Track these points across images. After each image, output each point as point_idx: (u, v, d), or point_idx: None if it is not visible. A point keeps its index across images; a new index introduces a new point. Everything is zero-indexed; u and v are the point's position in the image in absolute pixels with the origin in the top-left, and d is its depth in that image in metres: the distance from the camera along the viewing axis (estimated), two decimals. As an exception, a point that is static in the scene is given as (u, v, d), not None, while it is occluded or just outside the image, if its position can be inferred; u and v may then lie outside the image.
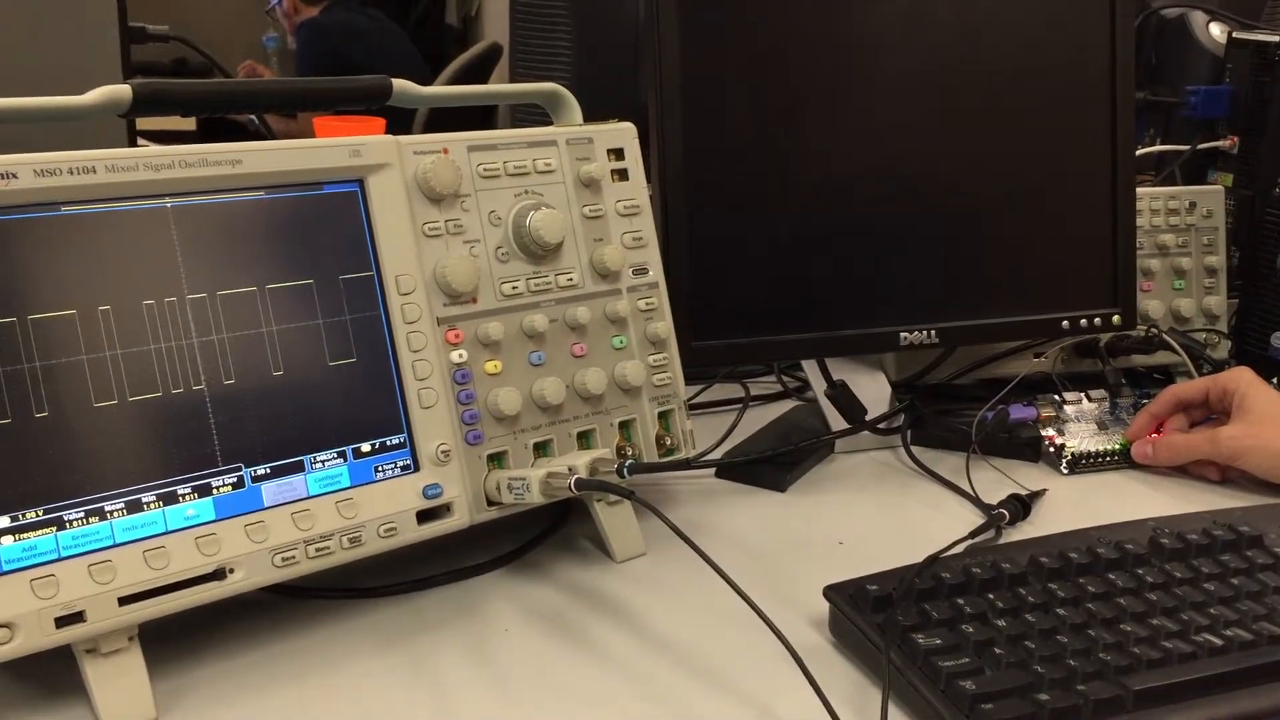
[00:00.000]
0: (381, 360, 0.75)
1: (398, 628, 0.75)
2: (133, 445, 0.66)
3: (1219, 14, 1.57)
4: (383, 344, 0.75)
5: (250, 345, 0.70)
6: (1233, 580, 0.76)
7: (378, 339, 0.75)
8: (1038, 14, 1.05)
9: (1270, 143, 1.25)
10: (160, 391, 0.67)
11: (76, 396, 0.64)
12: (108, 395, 0.65)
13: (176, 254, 0.68)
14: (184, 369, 0.68)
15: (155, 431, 0.67)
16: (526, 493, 0.75)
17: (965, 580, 0.74)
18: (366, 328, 0.74)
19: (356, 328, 0.74)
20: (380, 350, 0.75)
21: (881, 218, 1.02)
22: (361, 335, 0.74)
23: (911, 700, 0.66)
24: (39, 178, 0.63)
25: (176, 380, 0.68)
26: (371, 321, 0.75)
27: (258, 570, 0.68)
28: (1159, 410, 1.04)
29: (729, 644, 0.73)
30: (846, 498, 0.97)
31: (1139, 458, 1.02)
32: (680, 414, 0.88)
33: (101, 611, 0.63)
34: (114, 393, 0.65)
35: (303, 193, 0.73)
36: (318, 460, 0.72)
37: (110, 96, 0.72)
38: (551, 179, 0.83)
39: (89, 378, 0.64)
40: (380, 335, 0.75)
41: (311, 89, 0.82)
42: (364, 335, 0.74)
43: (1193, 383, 1.05)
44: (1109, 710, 0.64)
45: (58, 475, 0.64)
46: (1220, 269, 1.24)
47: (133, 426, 0.66)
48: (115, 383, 0.65)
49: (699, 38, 0.93)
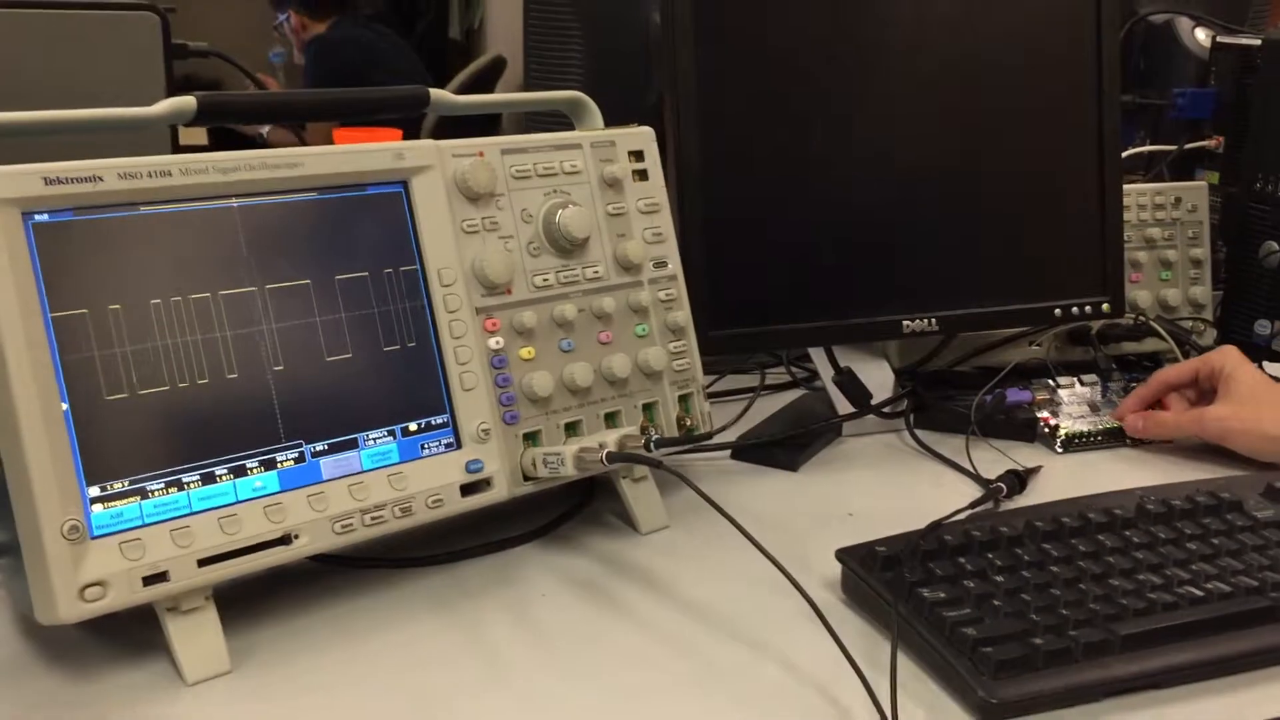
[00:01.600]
0: (426, 346, 0.81)
1: (444, 593, 0.82)
2: (205, 423, 0.72)
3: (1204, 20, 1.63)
4: (427, 331, 0.82)
5: (307, 333, 0.77)
6: (1213, 540, 0.82)
7: (422, 327, 0.81)
8: (1028, 19, 1.12)
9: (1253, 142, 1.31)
10: (230, 374, 0.73)
11: (156, 379, 0.71)
12: (185, 378, 0.72)
13: (242, 249, 0.75)
14: (250, 354, 0.74)
15: (226, 411, 0.73)
16: (561, 467, 0.82)
17: (966, 542, 0.80)
18: (413, 317, 0.81)
19: (403, 317, 0.81)
20: (425, 337, 0.81)
21: (885, 213, 1.08)
22: (408, 324, 0.81)
23: (918, 647, 0.73)
24: (122, 180, 0.70)
25: (244, 364, 0.74)
26: (417, 311, 0.81)
27: (320, 536, 0.74)
28: (1148, 394, 1.10)
29: (749, 604, 0.79)
30: (855, 475, 1.04)
31: (1130, 430, 1.08)
32: (698, 397, 0.94)
33: (183, 571, 0.69)
34: (189, 375, 0.72)
35: (353, 193, 0.80)
36: (370, 438, 0.79)
37: (177, 107, 0.78)
38: (578, 179, 0.90)
39: (170, 361, 0.71)
40: (425, 323, 0.82)
41: (355, 98, 0.89)
42: (410, 324, 0.81)
43: (1181, 365, 1.11)
44: (1098, 652, 0.70)
45: (138, 451, 0.70)
46: (1205, 260, 1.30)
47: (205, 406, 0.72)
48: (191, 366, 0.72)
49: (712, 43, 1.00)
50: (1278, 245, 1.25)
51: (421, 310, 0.82)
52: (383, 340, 0.80)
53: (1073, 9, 1.13)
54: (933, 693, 0.70)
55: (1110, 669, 0.70)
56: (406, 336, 0.81)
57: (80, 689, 0.70)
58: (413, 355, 0.81)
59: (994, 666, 0.68)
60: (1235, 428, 1.02)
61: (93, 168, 0.69)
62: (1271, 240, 1.25)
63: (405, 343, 0.81)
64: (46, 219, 0.68)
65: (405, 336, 0.81)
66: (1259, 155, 1.29)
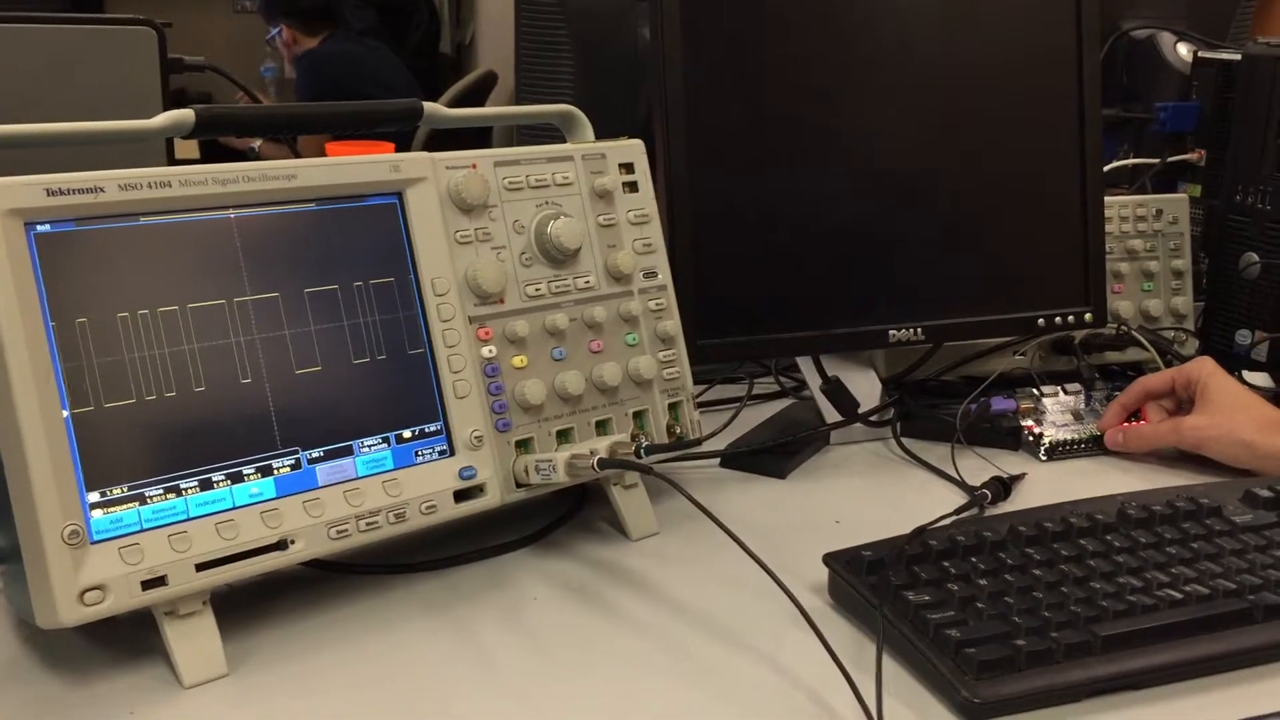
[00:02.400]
0: (420, 355, 0.83)
1: (437, 597, 0.83)
2: (203, 430, 0.74)
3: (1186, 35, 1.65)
4: (421, 340, 0.83)
5: (302, 342, 0.78)
6: (1193, 544, 0.84)
7: (416, 336, 0.83)
8: (1010, 32, 1.15)
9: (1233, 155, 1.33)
10: (228, 382, 0.75)
11: (155, 386, 0.72)
12: (181, 386, 0.73)
13: (240, 259, 0.76)
14: (247, 362, 0.76)
15: (223, 418, 0.75)
16: (553, 473, 0.83)
17: (951, 546, 0.82)
18: (407, 326, 0.82)
19: (398, 326, 0.82)
20: (419, 346, 0.83)
21: (871, 225, 1.10)
22: (403, 332, 0.82)
23: (903, 649, 0.74)
24: (122, 191, 0.71)
25: (242, 372, 0.75)
26: (411, 320, 0.83)
27: (315, 542, 0.76)
28: (1129, 401, 1.12)
29: (738, 608, 0.80)
30: (842, 483, 1.05)
31: (1111, 444, 1.10)
32: (688, 405, 0.96)
33: (181, 576, 0.70)
34: (186, 384, 0.73)
35: (348, 204, 0.81)
36: (365, 445, 0.80)
37: (176, 120, 0.80)
38: (569, 191, 0.92)
39: (169, 369, 0.72)
40: (419, 332, 0.83)
41: (350, 112, 0.90)
42: (405, 332, 0.82)
43: (1159, 374, 1.13)
44: (1078, 653, 0.72)
45: (137, 457, 0.71)
46: (1186, 272, 1.32)
47: (203, 413, 0.74)
48: (190, 374, 0.73)
49: (701, 57, 1.02)
50: (1258, 257, 1.27)
51: (415, 319, 0.83)
52: (378, 349, 0.81)
53: (1054, 23, 1.15)
54: (917, 693, 0.72)
55: (1091, 669, 0.71)
56: (401, 345, 0.82)
57: (79, 692, 0.71)
58: (407, 364, 0.82)
59: (977, 667, 0.70)
60: (1212, 436, 1.04)
61: (94, 179, 0.70)
62: (1252, 252, 1.27)
63: (400, 351, 0.82)
64: (49, 229, 0.69)
65: (400, 345, 0.82)
66: (1239, 168, 1.31)
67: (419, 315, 0.83)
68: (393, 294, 0.82)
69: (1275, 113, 1.25)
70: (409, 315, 0.83)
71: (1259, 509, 0.89)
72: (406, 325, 0.83)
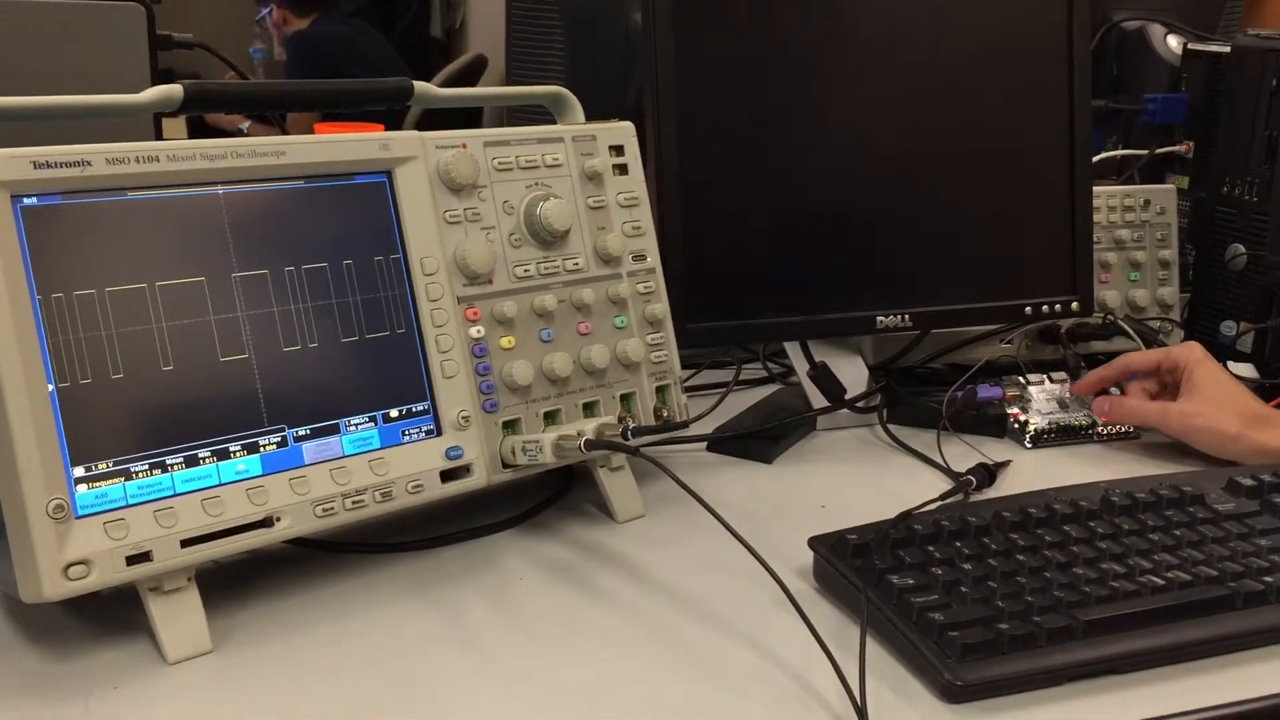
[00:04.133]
0: (408, 334, 0.83)
1: (422, 577, 0.83)
2: (189, 406, 0.74)
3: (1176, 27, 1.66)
4: (409, 320, 0.83)
5: (290, 319, 0.78)
6: (1175, 532, 0.84)
7: (405, 315, 0.83)
8: (1002, 21, 1.15)
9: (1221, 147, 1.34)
10: (214, 358, 0.75)
11: (141, 362, 0.72)
12: (169, 361, 0.73)
13: (227, 235, 0.76)
14: (233, 339, 0.75)
15: (209, 394, 0.74)
16: (540, 454, 0.83)
17: (935, 531, 0.82)
18: (395, 305, 0.82)
19: (387, 305, 0.82)
20: (407, 325, 0.83)
21: (860, 211, 1.10)
22: (391, 311, 0.82)
23: (887, 632, 0.74)
24: (110, 165, 0.71)
25: (228, 348, 0.75)
26: (400, 299, 0.83)
27: (301, 519, 0.75)
28: (1109, 374, 1.12)
29: (723, 591, 0.81)
30: (828, 468, 1.05)
31: (1096, 410, 1.11)
32: (675, 388, 0.96)
33: (166, 552, 0.70)
34: (174, 359, 0.73)
35: (338, 182, 0.81)
36: (351, 423, 0.80)
37: (164, 95, 0.79)
38: (559, 172, 0.91)
39: (155, 345, 0.72)
40: (407, 312, 0.83)
41: (341, 90, 0.90)
42: (393, 311, 0.82)
43: (1145, 353, 1.13)
44: (1061, 638, 0.72)
45: (123, 432, 0.71)
46: (1173, 262, 1.33)
47: (190, 389, 0.74)
48: (176, 350, 0.73)
49: (691, 41, 1.02)
50: (1244, 248, 1.27)
51: (404, 299, 0.83)
52: (365, 327, 0.81)
53: (1045, 13, 1.15)
54: (900, 676, 0.72)
55: (1073, 654, 0.72)
56: (389, 324, 0.82)
57: (62, 667, 0.71)
58: (395, 343, 0.82)
59: (960, 650, 0.70)
60: (1198, 425, 1.04)
61: (81, 152, 0.70)
62: (1238, 243, 1.28)
63: (388, 330, 0.82)
64: (35, 202, 0.69)
65: (388, 324, 0.82)
66: (1226, 160, 1.31)
67: (407, 295, 0.83)
68: (381, 273, 0.82)
69: (1264, 105, 1.25)
70: (397, 294, 0.83)
71: (1241, 497, 0.90)
72: (395, 304, 0.82)
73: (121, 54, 1.13)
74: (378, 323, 0.81)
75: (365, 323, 0.81)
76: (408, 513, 0.84)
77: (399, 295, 0.83)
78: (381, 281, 0.82)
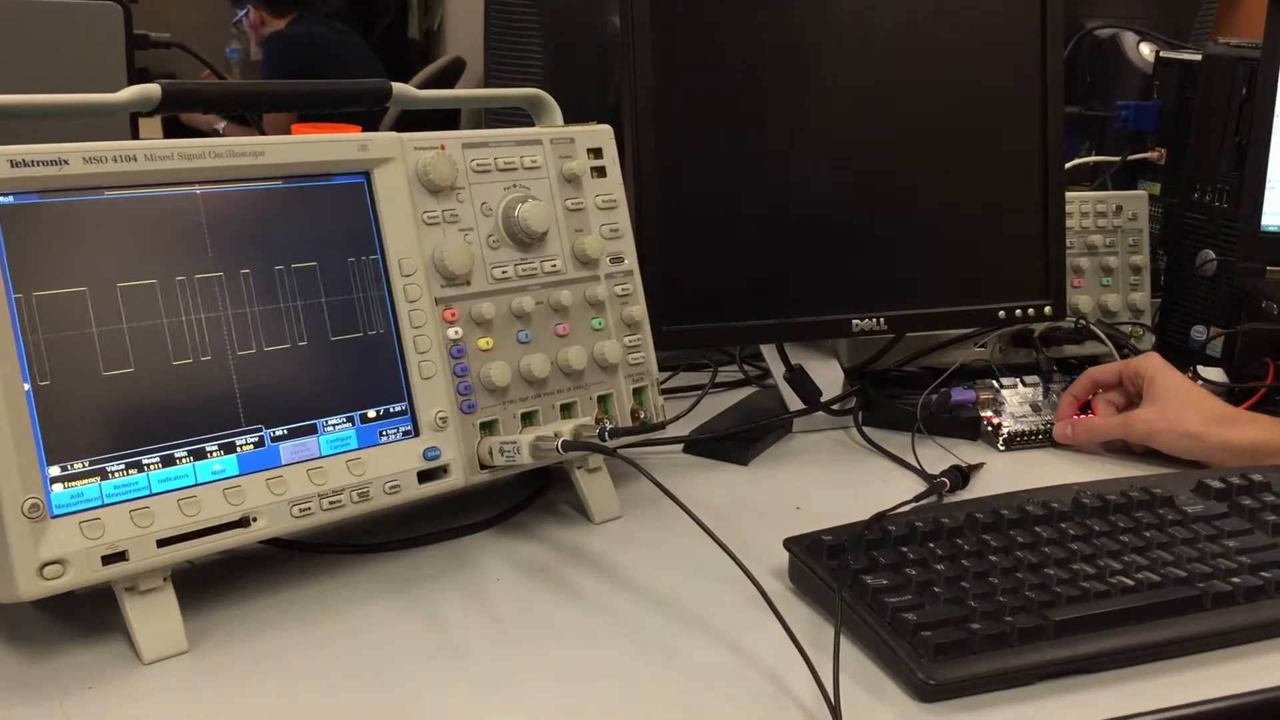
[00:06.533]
0: (386, 335, 0.83)
1: (399, 578, 0.83)
2: (166, 406, 0.73)
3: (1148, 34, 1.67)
4: (387, 320, 0.83)
5: (269, 319, 0.78)
6: (1145, 533, 0.85)
7: (383, 316, 0.83)
8: (976, 28, 1.16)
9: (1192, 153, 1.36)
10: (191, 358, 0.74)
11: (118, 361, 0.71)
12: (144, 362, 0.73)
13: (205, 235, 0.76)
14: (212, 339, 0.75)
15: (186, 394, 0.74)
16: (517, 455, 0.83)
17: (909, 532, 0.83)
18: (373, 305, 0.82)
19: (365, 305, 0.82)
20: (385, 326, 0.83)
21: (836, 215, 1.11)
22: (369, 312, 0.82)
23: (861, 632, 0.75)
24: (87, 164, 0.71)
25: (205, 349, 0.75)
26: (377, 300, 0.83)
27: (278, 519, 0.75)
28: (1078, 391, 1.14)
29: (699, 591, 0.81)
30: (803, 470, 1.06)
31: (1059, 438, 1.12)
32: (652, 390, 0.96)
33: (142, 551, 0.70)
34: (149, 360, 0.73)
35: (316, 183, 0.81)
36: (329, 424, 0.80)
37: (142, 94, 0.79)
38: (537, 174, 0.92)
39: (129, 345, 0.72)
40: (385, 313, 0.83)
41: (319, 90, 0.90)
42: (371, 312, 0.82)
43: (1107, 366, 1.15)
44: (1032, 637, 0.73)
45: (99, 432, 0.71)
46: (1144, 267, 1.34)
47: (166, 389, 0.73)
48: (152, 349, 0.73)
49: (669, 45, 1.02)
50: (1214, 254, 1.29)
51: (382, 299, 0.83)
52: (343, 328, 0.81)
53: (1018, 21, 1.16)
54: (874, 675, 0.73)
55: (1044, 653, 0.72)
56: (367, 325, 0.82)
57: (37, 666, 0.71)
58: (373, 343, 0.82)
59: (932, 650, 0.71)
60: (1161, 429, 1.06)
61: (58, 151, 0.70)
62: (1208, 249, 1.29)
63: (365, 331, 0.82)
64: (11, 201, 0.69)
65: (366, 325, 0.82)
66: (1198, 167, 1.33)
67: (385, 295, 0.83)
68: (359, 273, 0.82)
69: (1234, 113, 1.27)
70: (375, 295, 0.83)
71: (1210, 500, 0.91)
72: (372, 305, 0.83)
73: (98, 53, 1.13)
74: (355, 323, 0.82)
75: (343, 323, 0.81)
76: (385, 513, 0.84)
77: (377, 296, 0.83)
78: (359, 282, 0.82)
